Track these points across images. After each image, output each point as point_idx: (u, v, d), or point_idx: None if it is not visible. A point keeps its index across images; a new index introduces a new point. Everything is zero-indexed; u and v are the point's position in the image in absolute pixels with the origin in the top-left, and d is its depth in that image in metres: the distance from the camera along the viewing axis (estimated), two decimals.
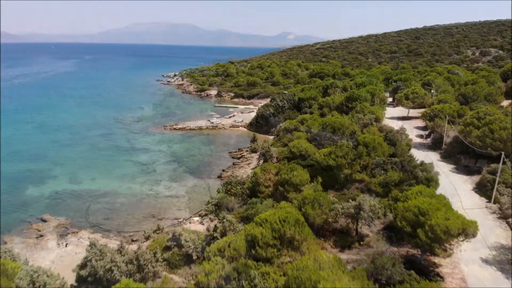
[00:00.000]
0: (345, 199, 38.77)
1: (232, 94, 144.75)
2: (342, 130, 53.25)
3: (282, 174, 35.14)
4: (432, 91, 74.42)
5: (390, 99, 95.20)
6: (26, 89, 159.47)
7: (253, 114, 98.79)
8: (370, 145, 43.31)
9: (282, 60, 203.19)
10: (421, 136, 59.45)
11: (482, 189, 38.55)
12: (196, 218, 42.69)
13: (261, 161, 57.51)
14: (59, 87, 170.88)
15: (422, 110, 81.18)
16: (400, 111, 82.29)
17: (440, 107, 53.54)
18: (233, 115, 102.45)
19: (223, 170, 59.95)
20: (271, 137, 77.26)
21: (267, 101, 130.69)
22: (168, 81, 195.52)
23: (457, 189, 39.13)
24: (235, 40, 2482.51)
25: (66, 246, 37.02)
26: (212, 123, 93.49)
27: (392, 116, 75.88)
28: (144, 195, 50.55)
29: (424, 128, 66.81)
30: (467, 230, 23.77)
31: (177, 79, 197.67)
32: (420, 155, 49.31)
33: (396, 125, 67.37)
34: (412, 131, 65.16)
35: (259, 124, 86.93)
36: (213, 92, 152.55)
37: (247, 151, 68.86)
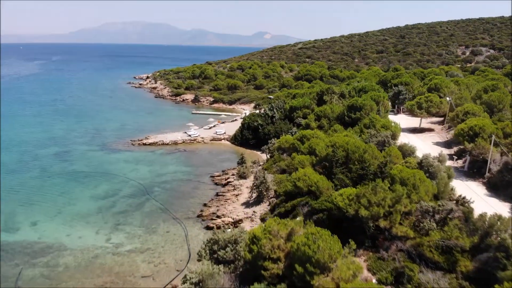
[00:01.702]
0: (386, 270, 26.86)
1: (211, 99, 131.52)
2: (357, 154, 41.29)
3: (300, 245, 22.70)
4: (447, 98, 63.53)
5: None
6: None
7: (237, 124, 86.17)
8: (409, 182, 31.49)
9: (264, 61, 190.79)
10: (449, 157, 47.93)
11: None
12: None
13: (254, 194, 44.92)
14: (19, 92, 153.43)
15: (434, 119, 70.99)
16: (405, 120, 71.32)
17: (481, 124, 42.25)
18: (214, 126, 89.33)
19: (205, 205, 47.06)
20: (262, 155, 64.91)
21: (250, 106, 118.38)
22: (140, 84, 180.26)
23: None
24: (212, 40, 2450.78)
25: None
26: (190, 136, 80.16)
27: (401, 128, 64.38)
28: (98, 251, 37.12)
29: (446, 145, 55.76)
30: None
31: (149, 81, 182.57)
32: (459, 186, 38.01)
33: (410, 140, 56.35)
34: (433, 148, 53.97)
35: (245, 138, 74.25)
36: (190, 96, 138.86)
37: (233, 174, 56.07)
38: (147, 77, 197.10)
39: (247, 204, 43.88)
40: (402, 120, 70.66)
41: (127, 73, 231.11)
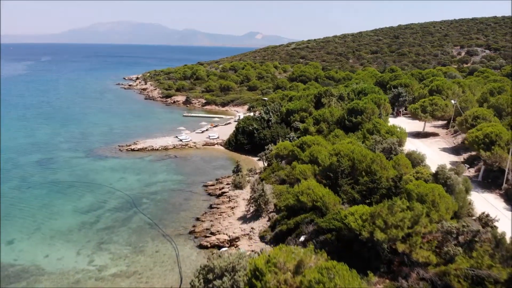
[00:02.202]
0: None
1: (203, 101, 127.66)
2: (364, 164, 37.97)
3: (314, 283, 19.14)
4: (452, 101, 60.59)
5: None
6: None
7: (231, 127, 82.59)
8: (428, 198, 28.13)
9: (257, 62, 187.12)
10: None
11: None
12: None
13: (252, 208, 41.29)
14: (5, 94, 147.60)
15: (437, 123, 67.85)
16: (407, 123, 68.24)
17: (497, 131, 39.12)
18: (206, 129, 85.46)
19: (197, 219, 43.28)
20: (259, 161, 61.33)
21: (244, 108, 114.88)
22: (129, 85, 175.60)
23: None
24: (203, 40, 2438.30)
25: None
26: (181, 140, 76.20)
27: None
28: (79, 275, 33.20)
29: (453, 151, 52.79)
30: None
31: (139, 82, 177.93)
32: (476, 199, 35.03)
33: (415, 146, 53.41)
34: (440, 155, 50.99)
35: (240, 142, 70.57)
36: (181, 98, 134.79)
37: (228, 184, 52.35)
38: (137, 78, 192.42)
39: (244, 219, 40.20)
40: (404, 123, 67.48)
41: (117, 74, 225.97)
